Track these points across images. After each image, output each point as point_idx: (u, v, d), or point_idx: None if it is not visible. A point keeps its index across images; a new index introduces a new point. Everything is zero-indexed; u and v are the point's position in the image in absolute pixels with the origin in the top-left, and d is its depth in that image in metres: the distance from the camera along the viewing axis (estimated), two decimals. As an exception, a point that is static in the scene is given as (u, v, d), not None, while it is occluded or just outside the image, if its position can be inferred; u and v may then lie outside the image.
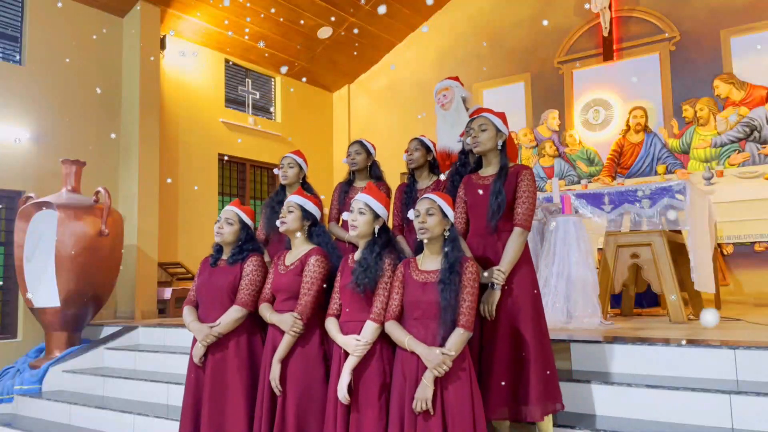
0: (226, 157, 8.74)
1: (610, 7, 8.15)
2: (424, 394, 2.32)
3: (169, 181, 6.16)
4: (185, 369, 4.72)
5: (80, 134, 6.91)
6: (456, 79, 4.38)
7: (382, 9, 6.46)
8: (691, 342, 3.23)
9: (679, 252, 4.87)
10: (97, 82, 7.13)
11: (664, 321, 4.63)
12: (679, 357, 3.16)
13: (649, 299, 5.67)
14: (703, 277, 4.56)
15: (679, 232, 5.06)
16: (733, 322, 4.47)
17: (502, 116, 2.91)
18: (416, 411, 2.33)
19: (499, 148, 2.88)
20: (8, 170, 6.29)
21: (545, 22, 7.97)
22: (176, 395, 4.45)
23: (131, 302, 6.92)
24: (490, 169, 2.91)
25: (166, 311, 7.20)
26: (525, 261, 2.78)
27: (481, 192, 2.86)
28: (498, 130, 2.86)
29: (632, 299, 5.41)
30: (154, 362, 5.04)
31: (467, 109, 4.29)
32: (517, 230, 2.74)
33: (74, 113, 6.88)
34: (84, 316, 5.78)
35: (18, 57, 6.61)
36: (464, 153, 3.41)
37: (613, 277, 4.65)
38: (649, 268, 4.54)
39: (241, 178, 9.12)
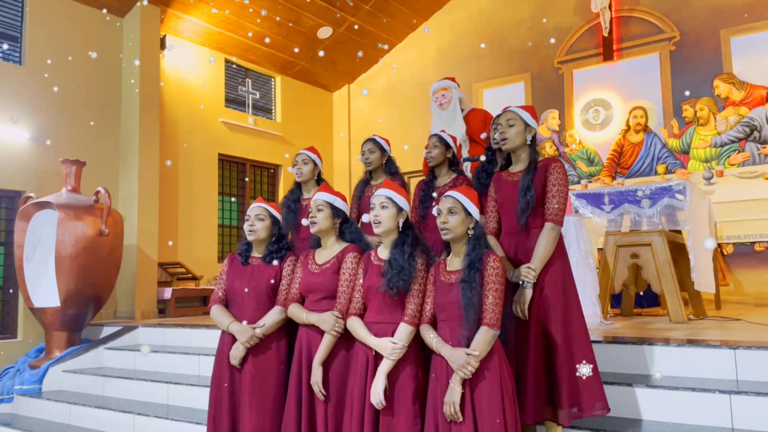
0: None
1: (610, 7, 8.15)
2: (452, 397, 2.25)
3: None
4: (185, 369, 4.78)
5: (80, 134, 6.91)
6: (453, 80, 4.42)
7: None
8: (691, 342, 3.23)
9: (679, 252, 4.87)
10: (97, 82, 7.13)
11: (664, 321, 4.63)
12: (679, 357, 3.16)
13: (649, 299, 5.67)
14: (703, 277, 4.56)
15: (679, 232, 5.06)
16: (733, 322, 4.47)
17: (530, 110, 2.82)
18: (447, 415, 2.26)
19: (528, 143, 2.79)
20: (8, 170, 6.29)
21: (544, 20, 7.97)
22: (176, 395, 4.45)
23: (131, 302, 6.92)
24: (519, 165, 2.82)
25: (166, 311, 7.20)
26: (558, 257, 2.68)
27: (510, 189, 2.77)
28: (527, 125, 2.77)
29: (632, 299, 5.41)
30: (154, 362, 5.04)
31: (462, 110, 4.33)
32: (548, 225, 2.65)
33: (74, 113, 6.88)
34: (84, 316, 5.78)
35: (18, 57, 6.61)
36: (491, 150, 3.36)
37: (613, 277, 4.64)
38: (649, 268, 4.53)
39: (241, 178, 9.12)
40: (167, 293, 7.20)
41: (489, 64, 9.11)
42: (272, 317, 2.91)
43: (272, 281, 2.97)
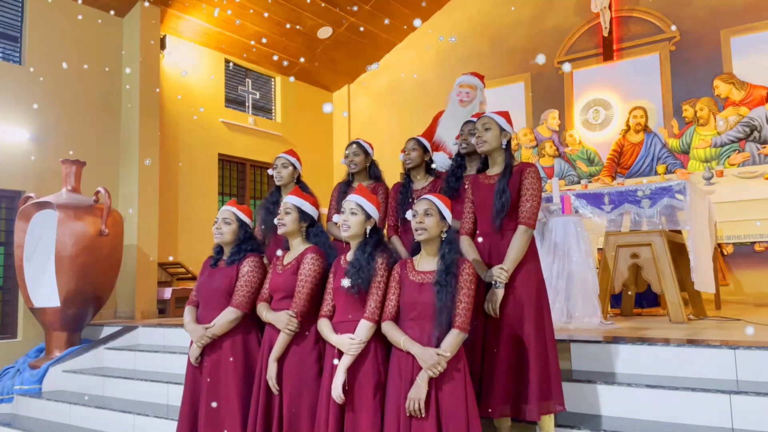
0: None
1: (610, 7, 8.15)
2: (418, 394, 2.33)
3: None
4: (185, 369, 4.77)
5: (80, 134, 6.91)
6: (482, 79, 4.36)
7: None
8: (691, 342, 3.23)
9: (679, 252, 4.87)
10: (97, 82, 7.13)
11: (664, 321, 4.63)
12: (679, 357, 3.16)
13: (649, 299, 5.66)
14: (703, 277, 4.56)
15: (679, 232, 5.06)
16: (733, 322, 4.47)
17: (505, 115, 2.92)
18: (408, 411, 2.33)
19: (504, 147, 2.88)
20: (8, 170, 6.29)
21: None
22: (176, 395, 4.45)
23: (131, 302, 6.92)
24: (496, 168, 2.91)
25: (166, 311, 7.20)
26: (530, 258, 2.77)
27: (486, 191, 2.86)
28: (502, 129, 2.86)
29: (632, 299, 5.41)
30: (154, 362, 5.04)
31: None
32: (521, 228, 2.74)
33: (74, 113, 6.88)
34: (84, 316, 5.78)
35: (18, 57, 6.61)
36: (459, 155, 3.44)
37: (613, 277, 4.64)
38: (649, 268, 4.53)
39: (241, 178, 9.12)
40: (167, 293, 7.21)
41: (489, 64, 9.10)
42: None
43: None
